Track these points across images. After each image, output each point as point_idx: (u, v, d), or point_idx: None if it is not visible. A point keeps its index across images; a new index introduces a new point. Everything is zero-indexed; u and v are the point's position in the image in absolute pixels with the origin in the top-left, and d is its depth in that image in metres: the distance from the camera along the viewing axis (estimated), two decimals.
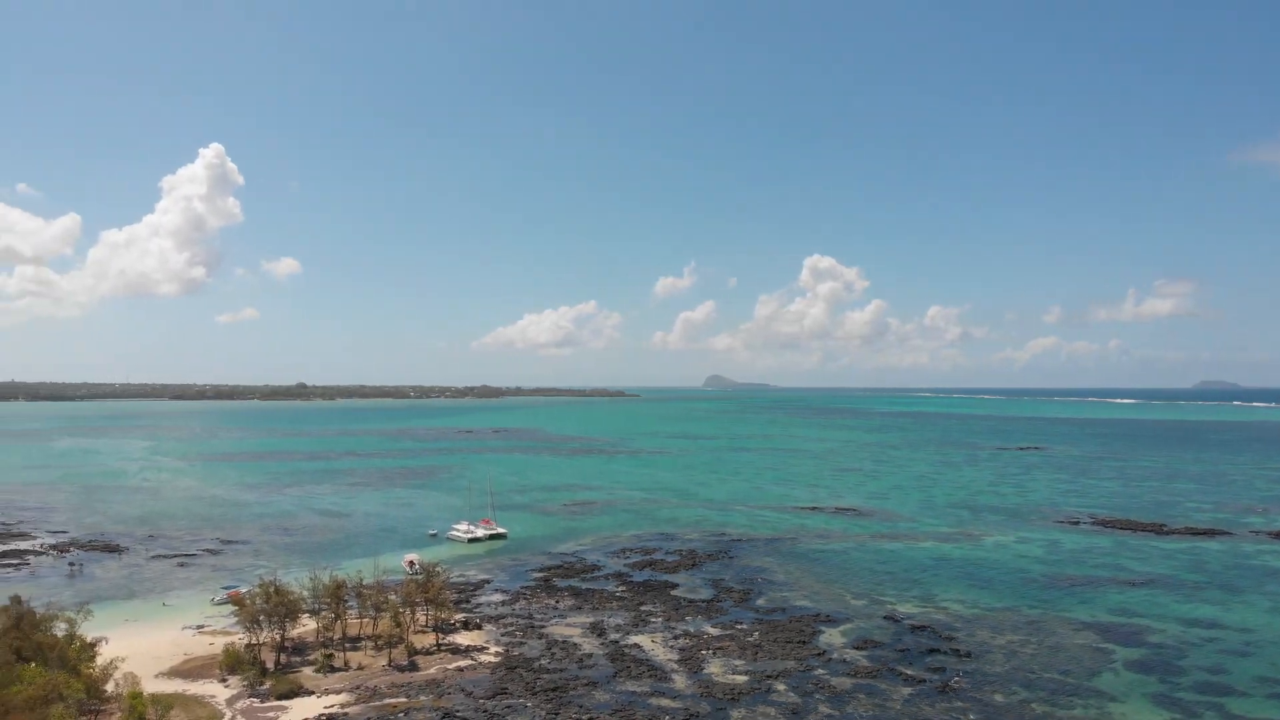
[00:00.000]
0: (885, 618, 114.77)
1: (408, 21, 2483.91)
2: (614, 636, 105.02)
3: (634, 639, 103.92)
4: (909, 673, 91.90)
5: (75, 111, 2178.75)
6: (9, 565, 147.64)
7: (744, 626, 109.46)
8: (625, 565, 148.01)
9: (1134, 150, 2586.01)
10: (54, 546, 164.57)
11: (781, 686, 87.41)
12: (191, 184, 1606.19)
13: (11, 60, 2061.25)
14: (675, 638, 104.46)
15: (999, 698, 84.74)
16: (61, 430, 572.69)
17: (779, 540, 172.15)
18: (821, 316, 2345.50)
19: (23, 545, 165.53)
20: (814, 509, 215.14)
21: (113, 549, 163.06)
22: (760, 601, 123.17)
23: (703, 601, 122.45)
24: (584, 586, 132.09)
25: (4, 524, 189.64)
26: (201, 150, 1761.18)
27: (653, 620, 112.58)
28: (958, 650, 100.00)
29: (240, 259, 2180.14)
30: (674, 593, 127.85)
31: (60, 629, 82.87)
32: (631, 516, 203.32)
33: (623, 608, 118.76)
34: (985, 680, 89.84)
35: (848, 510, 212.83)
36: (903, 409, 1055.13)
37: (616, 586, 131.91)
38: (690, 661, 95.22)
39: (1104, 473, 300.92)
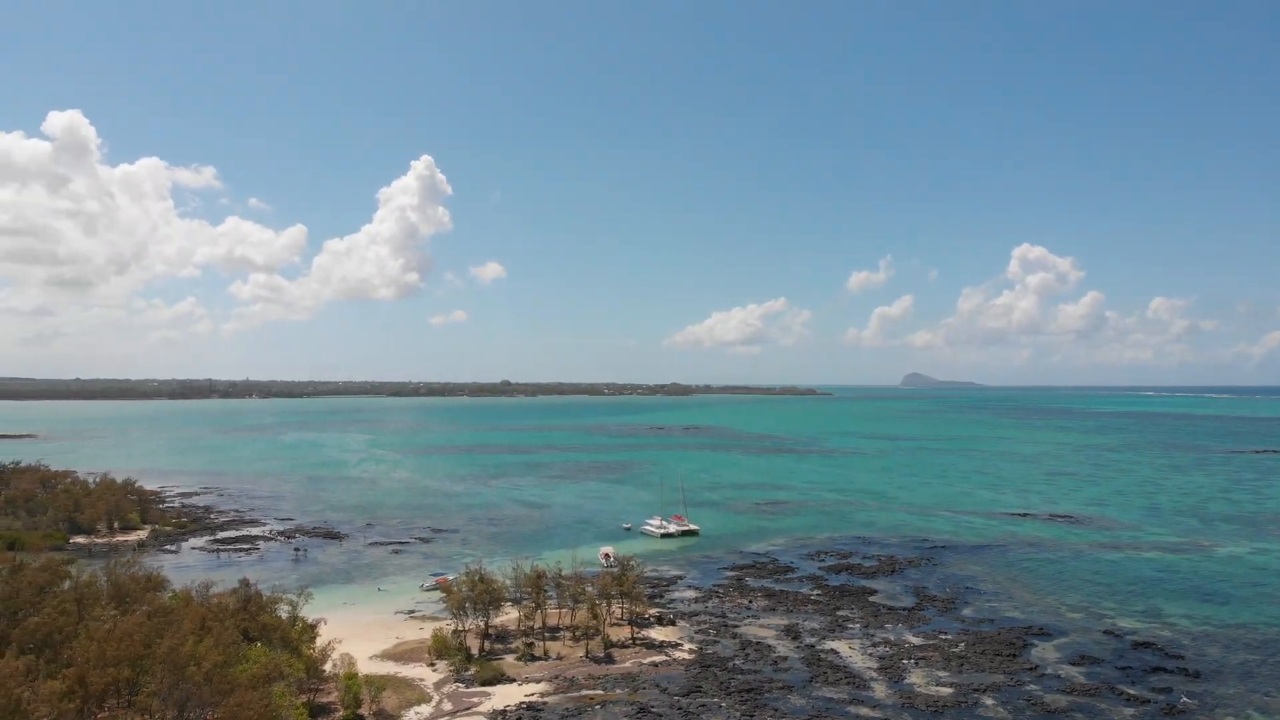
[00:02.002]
0: (1104, 632, 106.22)
1: (592, 30, 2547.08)
2: (809, 640, 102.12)
3: (830, 644, 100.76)
4: (1131, 692, 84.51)
5: (300, 130, 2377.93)
6: (242, 550, 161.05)
7: (948, 636, 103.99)
8: (820, 568, 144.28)
9: None
10: (281, 533, 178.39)
11: (989, 701, 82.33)
12: (405, 195, 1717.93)
13: (248, 87, 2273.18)
14: (874, 645, 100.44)
15: None
16: (290, 425, 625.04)
17: (986, 547, 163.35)
18: (1031, 310, 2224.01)
19: (254, 531, 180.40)
20: (1025, 515, 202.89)
21: (334, 535, 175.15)
22: (966, 611, 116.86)
23: (904, 609, 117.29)
24: (778, 588, 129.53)
25: (238, 511, 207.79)
26: (413, 163, 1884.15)
27: (850, 626, 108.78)
28: (1185, 670, 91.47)
29: (449, 264, 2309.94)
30: (872, 598, 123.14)
31: (284, 611, 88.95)
32: (825, 518, 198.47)
33: (818, 611, 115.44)
34: (1217, 703, 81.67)
35: (1062, 517, 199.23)
36: (1123, 409, 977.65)
37: (811, 589, 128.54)
38: (891, 670, 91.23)
39: None
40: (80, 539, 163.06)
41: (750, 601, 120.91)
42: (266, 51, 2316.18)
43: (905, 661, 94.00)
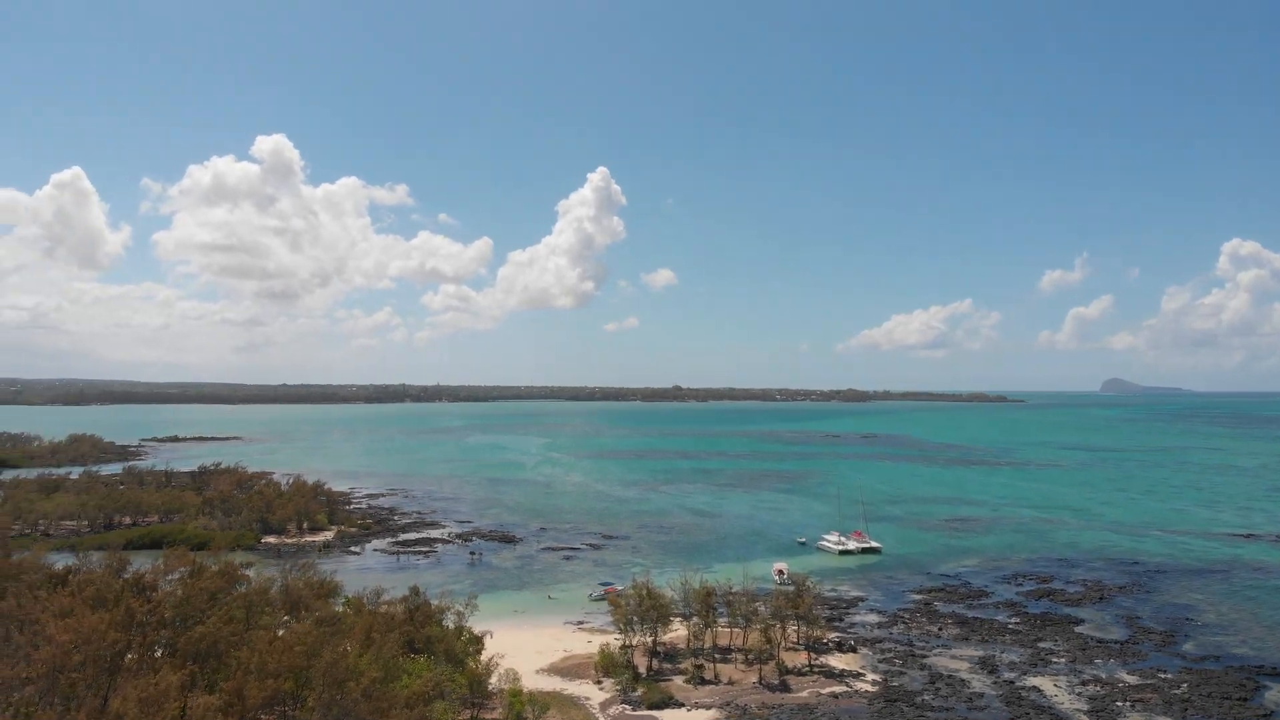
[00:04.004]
0: None
1: (758, 32, 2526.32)
2: (1008, 675, 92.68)
3: (1032, 680, 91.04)
4: None
5: (485, 148, 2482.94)
6: (420, 552, 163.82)
7: (1168, 676, 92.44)
8: (1018, 593, 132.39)
9: None
10: (459, 535, 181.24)
11: None
12: (582, 206, 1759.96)
13: (436, 109, 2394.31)
14: (1083, 683, 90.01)
15: None
16: (474, 428, 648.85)
17: (1207, 573, 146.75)
18: (1243, 309, 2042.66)
19: (434, 534, 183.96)
20: (1249, 536, 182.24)
21: (509, 539, 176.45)
22: (1187, 646, 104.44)
23: (1115, 642, 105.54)
24: (970, 614, 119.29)
25: (419, 513, 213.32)
26: (590, 175, 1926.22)
27: (1054, 660, 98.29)
28: None
29: (623, 272, 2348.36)
30: (1078, 629, 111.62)
31: (450, 621, 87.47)
32: (1022, 537, 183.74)
33: (1017, 642, 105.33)
34: None
35: None
36: None
37: (1009, 617, 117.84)
38: (1103, 713, 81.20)
39: None
40: (271, 539, 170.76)
41: (940, 629, 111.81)
42: (451, 74, 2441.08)
43: (1119, 704, 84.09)
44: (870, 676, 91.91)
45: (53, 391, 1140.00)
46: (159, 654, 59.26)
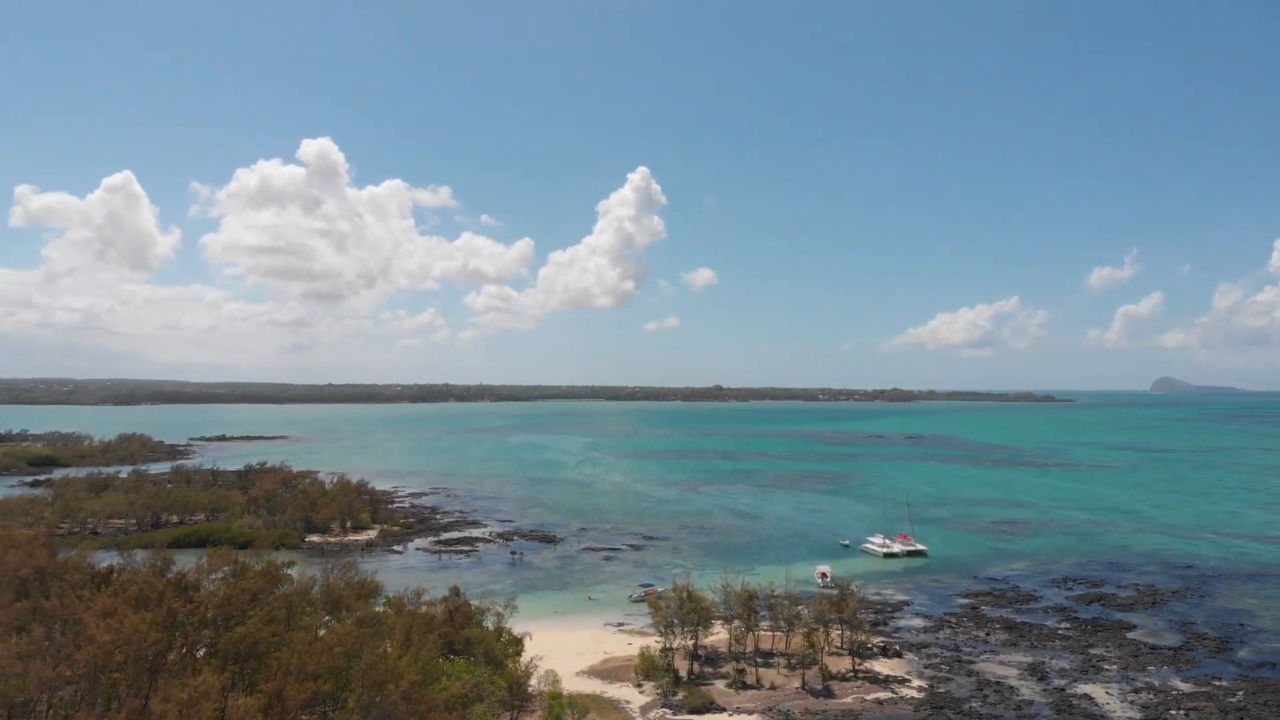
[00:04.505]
0: None
1: (798, 31, 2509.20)
2: (1058, 682, 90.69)
3: (1083, 688, 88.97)
4: None
5: (526, 149, 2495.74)
6: (462, 552, 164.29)
7: (1223, 684, 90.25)
8: (1068, 598, 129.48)
9: None
10: (500, 535, 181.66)
11: None
12: (622, 206, 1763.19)
13: (478, 111, 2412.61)
14: (1135, 691, 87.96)
15: None
16: (516, 427, 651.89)
17: (1264, 577, 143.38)
18: None
19: (475, 533, 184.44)
20: None
21: (549, 539, 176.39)
22: (1243, 653, 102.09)
23: (1168, 648, 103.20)
24: (1019, 619, 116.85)
25: (461, 512, 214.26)
26: (630, 175, 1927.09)
27: (1105, 667, 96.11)
28: None
29: (663, 272, 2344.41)
30: (1130, 635, 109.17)
31: (490, 622, 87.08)
32: (1072, 540, 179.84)
33: (1067, 648, 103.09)
34: None
35: None
36: None
37: (1058, 622, 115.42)
38: None
39: None
40: (315, 538, 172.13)
41: (987, 634, 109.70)
42: (492, 77, 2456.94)
43: (1173, 712, 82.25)
44: (916, 682, 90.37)
45: (104, 391, 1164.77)
46: (200, 654, 59.40)
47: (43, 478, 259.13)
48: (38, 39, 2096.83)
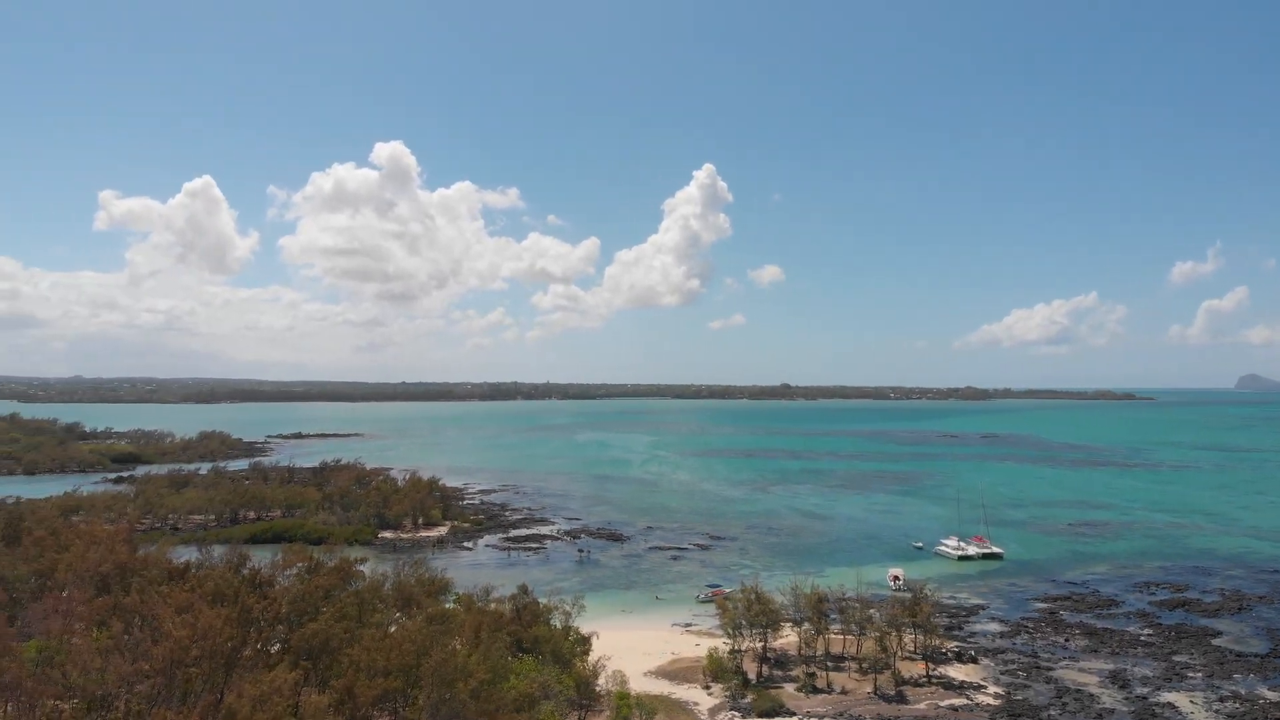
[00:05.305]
0: None
1: (870, 23, 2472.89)
2: (1140, 690, 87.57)
3: (1166, 696, 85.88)
4: None
5: (592, 149, 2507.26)
6: (530, 549, 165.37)
7: None
8: (1150, 603, 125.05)
9: None
10: (568, 532, 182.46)
11: None
12: (688, 204, 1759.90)
13: (545, 113, 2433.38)
14: (1220, 700, 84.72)
15: None
16: (582, 425, 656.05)
17: None
18: None
19: (543, 530, 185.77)
20: None
21: (616, 537, 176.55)
22: None
23: (1255, 656, 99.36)
24: (1099, 624, 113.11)
25: (530, 509, 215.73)
26: (695, 172, 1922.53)
27: (1190, 675, 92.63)
28: None
29: (729, 269, 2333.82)
30: (1216, 641, 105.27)
31: (557, 620, 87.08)
32: (1154, 543, 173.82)
33: (1149, 655, 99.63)
34: None
35: None
36: None
37: (1140, 628, 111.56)
38: None
39: None
40: (387, 534, 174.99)
41: (1066, 640, 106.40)
42: (558, 79, 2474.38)
43: None
44: (992, 689, 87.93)
45: (185, 390, 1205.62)
46: (274, 650, 60.34)
47: (126, 474, 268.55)
48: (120, 49, 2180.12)
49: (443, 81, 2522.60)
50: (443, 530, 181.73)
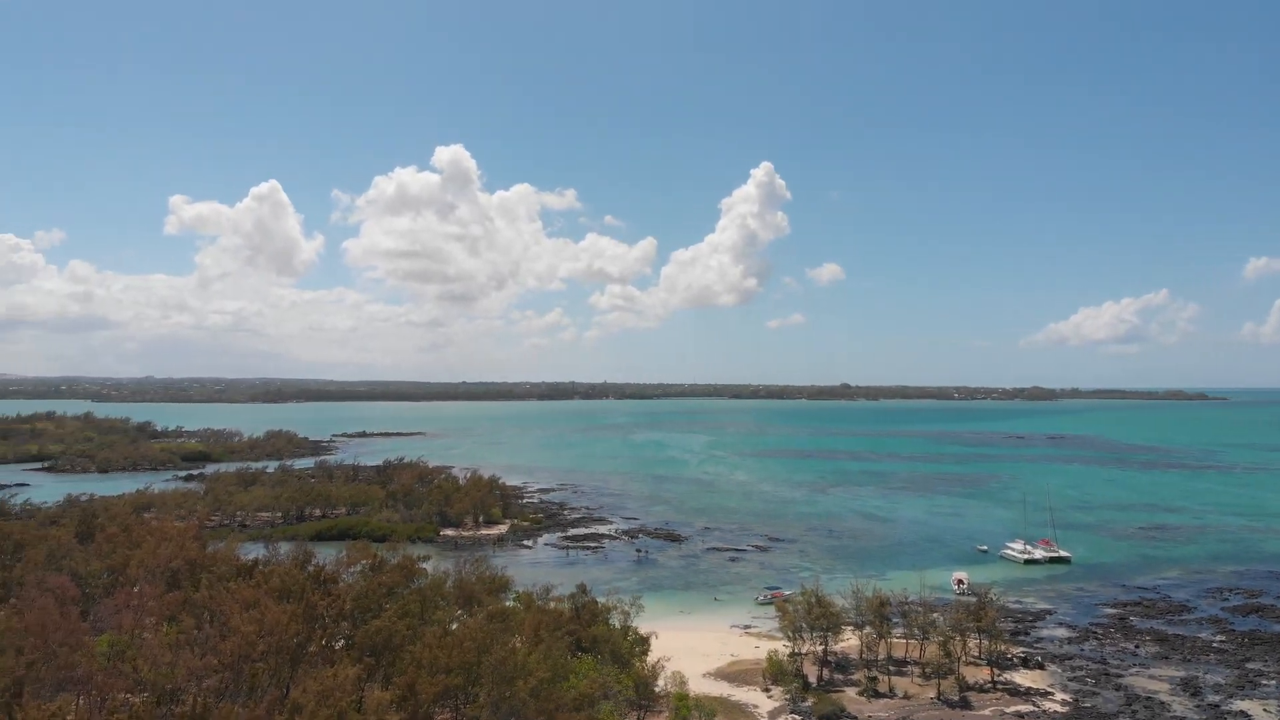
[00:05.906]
0: None
1: (930, 20, 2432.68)
2: (1212, 698, 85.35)
3: (1239, 704, 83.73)
4: None
5: (648, 149, 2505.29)
6: (589, 548, 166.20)
7: None
8: (1223, 609, 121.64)
9: None
10: (626, 532, 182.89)
11: None
12: (745, 203, 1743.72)
13: (601, 114, 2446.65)
14: None
15: None
16: (639, 425, 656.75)
17: None
18: None
19: (602, 530, 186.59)
20: None
21: (674, 538, 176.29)
22: None
23: None
24: (1170, 631, 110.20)
25: (588, 509, 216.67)
26: (753, 171, 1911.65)
27: (1264, 683, 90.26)
28: None
29: (787, 268, 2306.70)
30: None
31: (616, 620, 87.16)
32: (1228, 547, 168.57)
33: (1222, 662, 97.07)
34: None
35: None
36: None
37: (1213, 634, 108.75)
38: None
39: None
40: (449, 532, 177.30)
41: (1136, 646, 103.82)
42: (614, 79, 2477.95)
43: None
44: (1059, 696, 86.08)
45: (253, 390, 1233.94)
46: (338, 646, 61.41)
47: (196, 472, 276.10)
48: (190, 60, 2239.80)
49: (501, 86, 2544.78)
50: (503, 528, 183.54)
